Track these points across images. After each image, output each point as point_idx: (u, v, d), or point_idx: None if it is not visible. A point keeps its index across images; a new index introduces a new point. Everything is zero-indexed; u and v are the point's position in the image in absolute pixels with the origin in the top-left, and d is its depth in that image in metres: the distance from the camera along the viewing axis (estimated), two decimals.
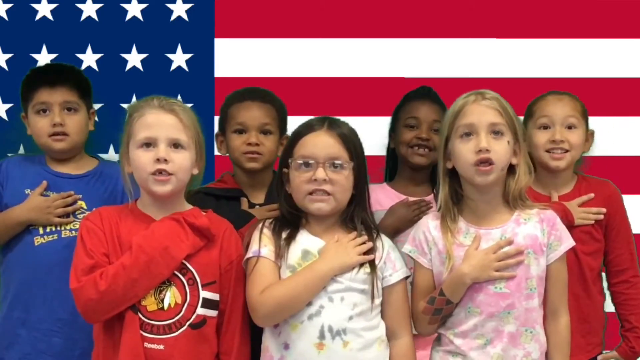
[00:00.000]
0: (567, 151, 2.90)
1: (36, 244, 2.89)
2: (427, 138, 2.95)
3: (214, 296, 2.46)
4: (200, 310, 2.43)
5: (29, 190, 2.93)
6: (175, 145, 2.46)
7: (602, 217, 2.91)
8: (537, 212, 2.53)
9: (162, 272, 2.38)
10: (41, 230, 2.89)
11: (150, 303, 2.39)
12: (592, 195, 2.93)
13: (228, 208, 2.84)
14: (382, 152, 3.15)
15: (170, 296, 2.40)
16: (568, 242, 2.54)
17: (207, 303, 2.45)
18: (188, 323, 2.41)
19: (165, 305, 2.40)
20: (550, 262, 2.51)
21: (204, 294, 2.44)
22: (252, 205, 2.89)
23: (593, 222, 2.90)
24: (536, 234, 2.50)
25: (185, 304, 2.41)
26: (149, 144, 2.45)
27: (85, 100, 3.01)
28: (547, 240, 2.50)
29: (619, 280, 2.96)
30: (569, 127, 2.92)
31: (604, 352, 2.97)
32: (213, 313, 2.46)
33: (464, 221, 2.52)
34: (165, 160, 2.43)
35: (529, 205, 2.54)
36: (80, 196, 2.93)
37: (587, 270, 2.91)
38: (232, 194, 2.91)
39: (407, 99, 3.06)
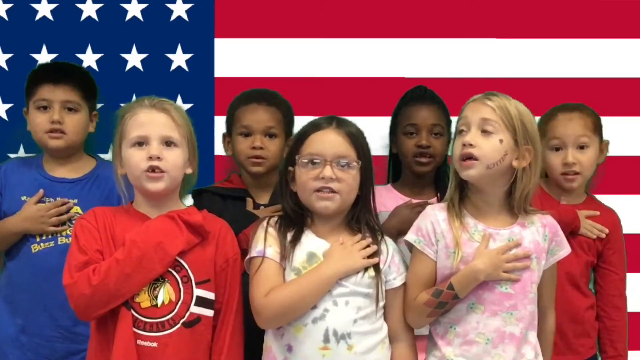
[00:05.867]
0: (578, 173, 2.94)
1: (33, 251, 2.91)
2: (427, 145, 2.94)
3: (209, 295, 2.46)
4: (194, 309, 2.42)
5: (25, 197, 2.94)
6: (168, 143, 2.47)
7: (604, 236, 2.96)
8: (539, 217, 2.54)
9: (155, 267, 2.38)
10: (38, 238, 2.91)
11: (143, 300, 2.39)
12: (597, 212, 2.98)
13: (234, 208, 2.86)
14: (383, 152, 3.14)
15: (164, 293, 2.40)
16: (566, 248, 2.58)
17: (202, 301, 2.44)
18: (182, 321, 2.41)
19: (159, 303, 2.39)
20: (547, 267, 2.53)
21: (198, 292, 2.44)
22: (257, 205, 2.90)
23: (595, 237, 2.95)
24: (538, 239, 2.51)
25: (179, 302, 2.41)
26: (141, 142, 2.46)
27: (88, 101, 3.02)
28: (548, 245, 2.53)
29: (608, 305, 3.00)
30: (581, 147, 2.95)
31: None
32: (209, 312, 2.46)
33: (471, 217, 2.51)
34: (158, 157, 2.44)
35: (532, 211, 2.54)
36: (76, 201, 2.94)
37: (581, 277, 2.95)
38: (238, 194, 2.92)
39: (404, 101, 3.05)
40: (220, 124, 3.15)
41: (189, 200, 2.79)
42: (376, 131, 3.09)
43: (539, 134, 2.86)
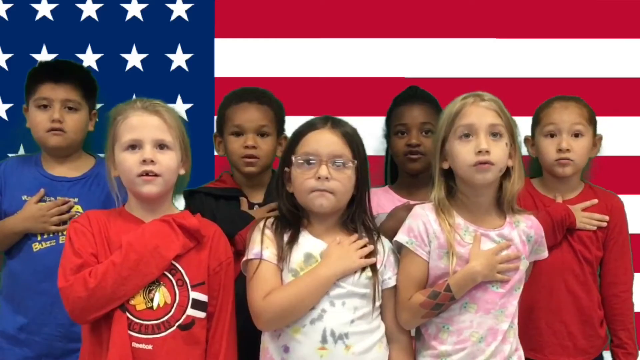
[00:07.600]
0: (572, 160, 2.91)
1: (35, 250, 2.92)
2: (417, 144, 2.93)
3: (204, 297, 2.47)
4: (190, 311, 2.43)
5: (25, 196, 2.94)
6: (161, 146, 2.47)
7: (605, 224, 2.92)
8: (524, 217, 2.57)
9: (151, 271, 2.39)
10: (39, 237, 2.91)
11: (139, 302, 2.39)
12: (595, 200, 2.95)
13: (227, 208, 2.84)
14: (381, 152, 3.15)
15: (160, 296, 2.40)
16: (545, 252, 2.63)
17: (197, 304, 2.45)
18: (177, 324, 2.41)
19: (155, 305, 2.40)
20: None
21: (194, 294, 2.44)
22: (251, 205, 2.89)
23: (595, 228, 2.91)
24: (524, 239, 2.55)
25: (175, 305, 2.41)
26: (134, 146, 2.46)
27: (88, 100, 3.03)
28: (532, 246, 2.57)
29: (609, 293, 2.96)
30: (575, 135, 2.93)
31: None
32: (202, 314, 2.46)
33: (461, 218, 2.53)
34: (152, 161, 2.44)
35: (517, 210, 2.57)
36: (77, 199, 2.95)
37: (589, 274, 2.92)
38: (231, 194, 2.90)
39: (395, 102, 3.05)
40: None
41: (180, 201, 2.80)
42: (375, 131, 3.12)
43: (534, 121, 2.98)
